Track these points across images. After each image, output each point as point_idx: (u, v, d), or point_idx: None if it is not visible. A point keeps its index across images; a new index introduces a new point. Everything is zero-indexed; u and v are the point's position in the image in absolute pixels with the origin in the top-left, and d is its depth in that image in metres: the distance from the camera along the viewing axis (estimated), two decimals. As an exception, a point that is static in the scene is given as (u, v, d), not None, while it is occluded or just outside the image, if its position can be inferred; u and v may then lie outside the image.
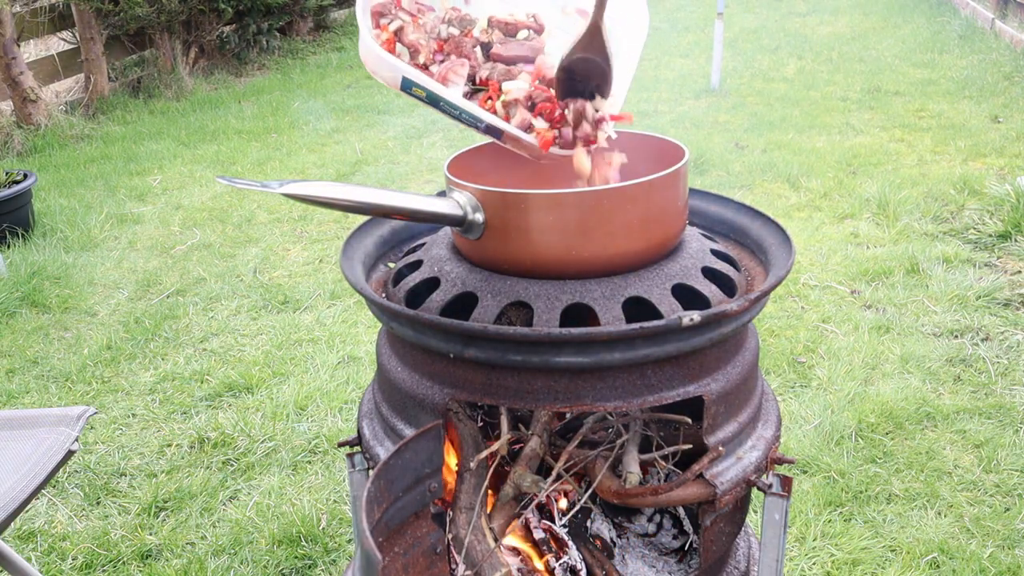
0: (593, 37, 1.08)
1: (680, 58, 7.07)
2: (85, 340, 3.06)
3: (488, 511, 1.27)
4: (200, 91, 6.65)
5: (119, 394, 2.73)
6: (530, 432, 1.30)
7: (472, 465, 1.23)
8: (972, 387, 2.54)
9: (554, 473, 1.27)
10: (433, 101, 1.15)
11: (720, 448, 1.16)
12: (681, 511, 1.49)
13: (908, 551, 1.95)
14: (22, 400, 2.72)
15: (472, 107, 1.15)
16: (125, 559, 2.05)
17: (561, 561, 1.34)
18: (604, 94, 1.15)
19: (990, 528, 2.01)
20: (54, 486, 2.30)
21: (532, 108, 1.18)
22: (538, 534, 1.38)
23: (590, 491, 1.27)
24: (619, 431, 1.29)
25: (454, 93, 1.16)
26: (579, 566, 1.34)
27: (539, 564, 1.36)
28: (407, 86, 1.15)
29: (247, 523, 2.13)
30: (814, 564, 1.93)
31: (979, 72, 5.97)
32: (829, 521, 2.05)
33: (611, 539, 1.44)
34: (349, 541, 2.08)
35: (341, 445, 1.40)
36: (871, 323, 2.90)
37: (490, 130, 1.17)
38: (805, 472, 2.22)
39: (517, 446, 1.31)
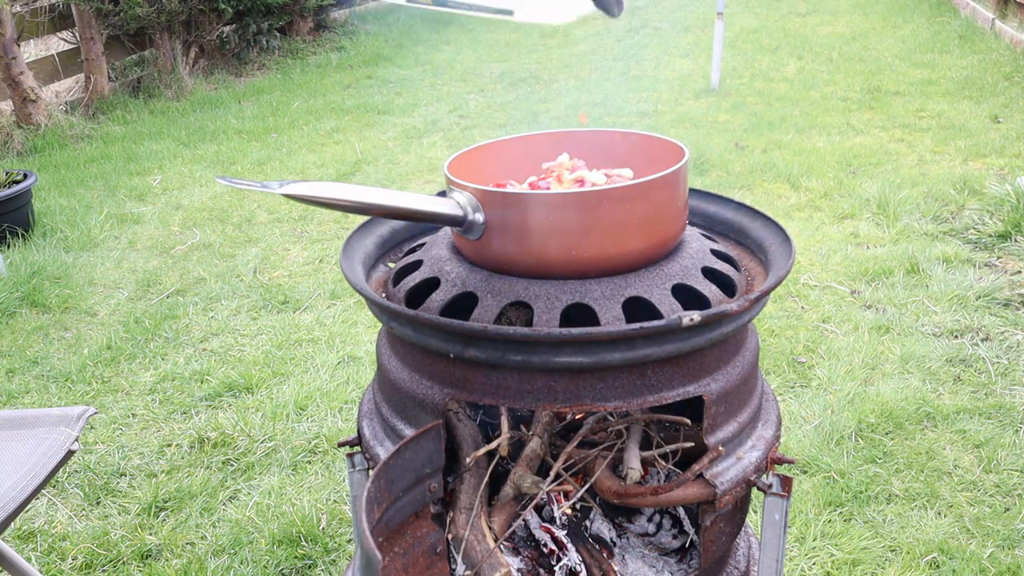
0: None
1: (680, 58, 7.07)
2: (85, 340, 3.06)
3: (488, 511, 1.26)
4: (200, 91, 6.65)
5: (119, 394, 2.73)
6: (530, 432, 1.30)
7: (471, 464, 1.23)
8: (972, 387, 2.54)
9: (553, 473, 1.27)
10: (440, 3, 1.18)
11: (720, 448, 1.16)
12: (681, 511, 1.49)
13: (908, 551, 1.95)
14: (22, 400, 2.72)
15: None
16: (125, 559, 2.05)
17: (560, 564, 1.34)
18: None
19: (990, 528, 2.01)
20: (54, 486, 2.30)
21: None
22: (538, 534, 1.38)
23: (587, 487, 1.27)
24: (619, 431, 1.29)
25: None
26: (578, 567, 1.34)
27: (538, 564, 1.36)
28: None
29: (247, 523, 2.13)
30: (814, 564, 1.93)
31: (979, 72, 5.96)
32: (829, 521, 2.05)
33: (611, 539, 1.44)
34: (349, 541, 2.08)
35: (341, 445, 1.40)
36: (871, 323, 2.90)
37: (500, 11, 1.20)
38: (805, 472, 2.22)
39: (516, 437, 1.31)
